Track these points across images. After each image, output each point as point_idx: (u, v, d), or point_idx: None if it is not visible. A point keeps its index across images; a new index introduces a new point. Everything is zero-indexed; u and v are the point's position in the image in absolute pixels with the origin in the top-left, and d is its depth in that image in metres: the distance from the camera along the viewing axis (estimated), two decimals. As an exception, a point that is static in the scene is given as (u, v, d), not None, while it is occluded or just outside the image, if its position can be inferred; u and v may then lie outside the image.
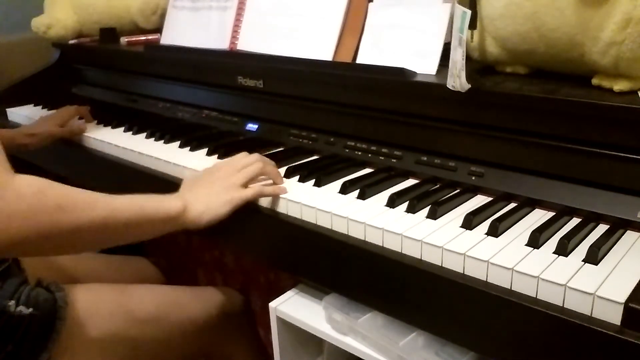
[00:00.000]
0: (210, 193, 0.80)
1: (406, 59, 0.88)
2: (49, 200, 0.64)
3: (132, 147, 1.06)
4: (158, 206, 0.75)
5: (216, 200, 0.79)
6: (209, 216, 0.78)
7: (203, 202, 0.79)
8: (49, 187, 0.65)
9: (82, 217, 0.66)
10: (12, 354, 0.76)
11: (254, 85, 1.05)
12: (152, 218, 0.75)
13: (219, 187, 0.80)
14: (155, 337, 0.92)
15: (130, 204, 0.73)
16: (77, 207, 0.66)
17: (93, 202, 0.68)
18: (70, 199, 0.66)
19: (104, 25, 1.49)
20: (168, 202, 0.77)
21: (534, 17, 0.73)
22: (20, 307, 0.78)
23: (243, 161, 0.84)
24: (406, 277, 0.67)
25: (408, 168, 0.85)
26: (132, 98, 1.35)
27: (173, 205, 0.77)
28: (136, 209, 0.73)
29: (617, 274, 0.57)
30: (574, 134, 0.69)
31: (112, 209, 0.70)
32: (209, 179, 0.83)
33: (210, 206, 0.78)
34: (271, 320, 0.86)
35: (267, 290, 1.18)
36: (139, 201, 0.74)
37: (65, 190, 0.67)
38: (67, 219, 0.65)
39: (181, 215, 0.77)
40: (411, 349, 0.72)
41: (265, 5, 1.10)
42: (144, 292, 0.95)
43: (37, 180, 0.64)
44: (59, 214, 0.64)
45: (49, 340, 0.78)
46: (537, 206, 0.73)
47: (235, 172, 0.82)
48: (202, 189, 0.81)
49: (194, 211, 0.78)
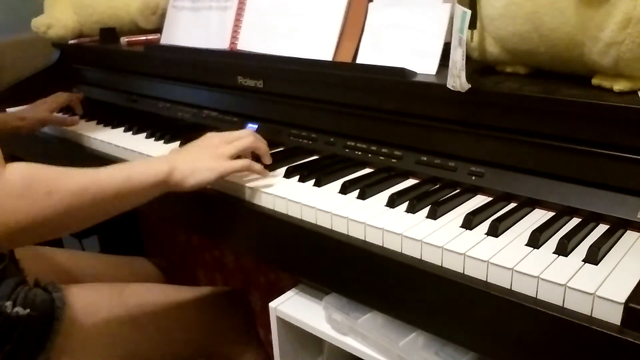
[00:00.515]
0: (197, 158, 0.80)
1: (406, 59, 0.88)
2: (39, 187, 0.64)
3: (132, 147, 1.06)
4: (145, 172, 0.76)
5: (203, 166, 0.79)
6: (195, 180, 0.78)
7: (189, 166, 0.79)
8: (38, 173, 0.65)
9: (73, 198, 0.67)
10: (10, 355, 0.76)
11: (254, 85, 1.05)
12: (141, 185, 0.75)
13: (207, 154, 0.81)
14: (154, 337, 0.92)
15: (117, 176, 0.73)
16: (67, 189, 0.66)
17: (81, 181, 0.69)
18: (59, 183, 0.66)
19: (104, 25, 1.49)
20: (154, 166, 0.77)
21: (534, 17, 0.73)
22: (18, 308, 0.78)
23: (235, 134, 0.85)
24: (406, 277, 0.67)
25: (408, 168, 0.85)
26: (132, 98, 1.35)
27: (159, 168, 0.77)
28: (124, 180, 0.73)
29: (617, 274, 0.57)
30: (574, 134, 0.69)
31: (101, 184, 0.70)
32: (199, 145, 0.83)
33: (196, 170, 0.79)
34: (271, 320, 0.86)
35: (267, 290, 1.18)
36: (126, 171, 0.74)
37: (54, 173, 0.67)
38: (58, 203, 0.65)
39: (169, 177, 0.77)
40: (411, 349, 0.72)
41: (265, 5, 1.10)
42: (143, 291, 0.95)
43: (26, 167, 0.65)
44: (49, 200, 0.64)
45: (47, 341, 0.78)
46: (537, 206, 0.73)
47: (226, 144, 0.83)
48: (190, 154, 0.82)
49: (179, 174, 0.78)
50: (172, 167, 0.78)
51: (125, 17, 1.49)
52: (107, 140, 1.12)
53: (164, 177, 0.77)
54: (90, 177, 0.70)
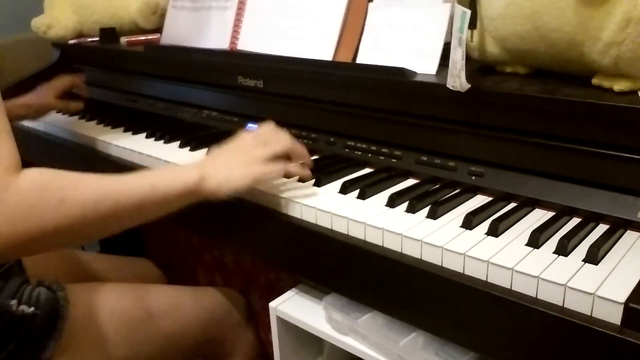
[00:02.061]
0: (232, 163, 0.75)
1: (406, 59, 0.88)
2: (52, 195, 0.60)
3: (132, 147, 1.06)
4: (172, 181, 0.70)
5: (237, 172, 0.74)
6: (228, 188, 0.73)
7: (223, 172, 0.74)
8: (52, 180, 0.62)
9: (87, 207, 0.62)
10: (15, 353, 0.76)
11: (254, 85, 1.05)
12: (167, 195, 0.70)
13: (242, 159, 0.76)
14: (155, 336, 0.92)
15: (140, 185, 0.68)
16: (81, 197, 0.62)
17: (99, 190, 0.64)
18: (73, 190, 0.62)
19: (104, 25, 1.49)
20: (183, 175, 0.72)
21: (534, 17, 0.73)
22: (22, 306, 0.78)
23: (271, 134, 0.79)
24: (406, 277, 0.67)
25: (408, 168, 0.85)
26: (132, 98, 1.35)
27: (189, 177, 0.71)
28: (147, 189, 0.68)
29: (617, 274, 0.57)
30: (574, 134, 0.69)
31: (120, 193, 0.66)
32: (232, 148, 0.78)
33: (230, 177, 0.73)
34: (271, 320, 0.86)
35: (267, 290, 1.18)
36: (150, 179, 0.69)
37: (69, 181, 0.63)
38: (71, 212, 0.61)
39: (199, 186, 0.72)
40: (411, 349, 0.72)
41: (265, 5, 1.10)
42: (145, 292, 0.95)
43: (40, 174, 0.61)
44: (62, 208, 0.60)
45: (51, 339, 0.78)
46: (537, 206, 0.73)
47: (261, 145, 0.77)
48: (222, 159, 0.76)
49: (212, 181, 0.72)
50: (203, 175, 0.72)
51: (125, 17, 1.49)
52: (107, 140, 1.12)
53: (193, 186, 0.71)
54: (109, 186, 0.66)
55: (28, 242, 0.59)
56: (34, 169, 0.61)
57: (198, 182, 0.72)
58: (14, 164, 0.60)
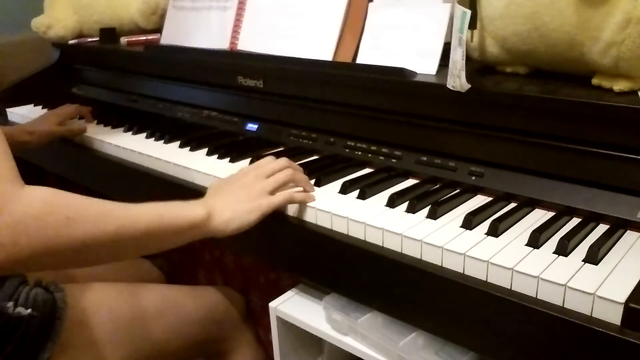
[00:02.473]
0: (237, 200, 0.76)
1: (406, 59, 0.88)
2: (58, 213, 0.60)
3: (132, 147, 1.06)
4: (179, 214, 0.71)
5: (243, 208, 0.75)
6: (236, 224, 0.74)
7: (229, 209, 0.74)
8: (58, 199, 0.61)
9: (93, 229, 0.62)
10: (12, 355, 0.76)
11: (254, 85, 1.05)
12: (173, 227, 0.70)
13: (246, 194, 0.76)
14: (155, 337, 0.92)
15: (147, 214, 0.68)
16: (88, 219, 0.62)
17: (105, 213, 0.64)
18: (80, 211, 0.62)
19: (104, 25, 1.49)
20: (190, 210, 0.72)
21: (534, 17, 0.73)
22: (19, 308, 0.78)
23: (271, 166, 0.80)
24: (406, 277, 0.67)
25: (408, 168, 0.85)
26: (132, 98, 1.35)
27: (196, 212, 0.72)
28: (154, 218, 0.68)
29: (617, 274, 0.57)
30: (574, 134, 0.69)
31: (127, 219, 0.66)
32: (236, 184, 0.79)
33: (237, 213, 0.74)
34: (271, 320, 0.86)
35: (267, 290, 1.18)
36: (158, 210, 0.69)
37: (76, 201, 0.63)
38: (76, 233, 0.61)
39: (205, 222, 0.72)
40: (411, 349, 0.72)
41: (265, 5, 1.10)
42: (144, 291, 0.95)
43: (47, 191, 0.61)
44: (67, 228, 0.60)
45: (49, 341, 0.78)
46: (537, 206, 0.73)
47: (263, 178, 0.78)
48: (228, 196, 0.77)
49: (219, 219, 0.73)
50: (210, 213, 0.73)
51: (125, 17, 1.49)
52: (107, 140, 1.12)
53: (200, 221, 0.72)
54: (116, 210, 0.65)
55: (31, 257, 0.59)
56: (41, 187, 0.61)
57: (205, 218, 0.72)
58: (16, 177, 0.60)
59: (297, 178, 0.80)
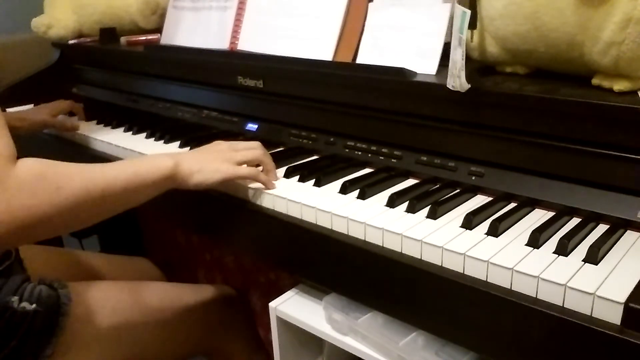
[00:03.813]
0: (204, 158, 0.81)
1: (406, 59, 0.88)
2: (49, 182, 0.64)
3: (132, 147, 1.06)
4: (151, 167, 0.75)
5: (210, 166, 0.80)
6: (200, 178, 0.79)
7: (196, 163, 0.79)
8: (48, 169, 0.65)
9: (82, 194, 0.66)
10: (16, 350, 0.76)
11: (254, 85, 1.05)
12: (148, 181, 0.75)
13: (215, 157, 0.81)
14: (156, 334, 0.92)
15: (125, 171, 0.73)
16: (76, 185, 0.66)
17: (90, 177, 0.68)
18: (68, 178, 0.66)
19: (104, 25, 1.49)
20: (160, 162, 0.77)
21: (534, 17, 0.73)
22: (24, 303, 0.78)
23: (244, 144, 0.86)
24: (406, 277, 0.67)
25: (408, 168, 0.85)
26: (132, 98, 1.35)
27: (165, 164, 0.77)
28: (130, 175, 0.73)
29: (617, 274, 0.57)
30: (574, 134, 0.69)
31: (109, 180, 0.70)
32: (208, 149, 0.85)
33: (203, 169, 0.79)
34: (271, 320, 0.86)
35: (267, 290, 1.18)
36: (133, 167, 0.74)
37: (63, 169, 0.67)
38: (67, 199, 0.65)
39: (174, 172, 0.77)
40: (411, 349, 0.72)
41: (265, 5, 1.10)
42: (145, 289, 0.95)
43: (37, 163, 0.64)
44: (59, 195, 0.64)
45: (53, 336, 0.78)
46: (537, 206, 0.73)
47: (234, 151, 0.83)
48: (197, 154, 0.82)
49: (186, 169, 0.78)
50: (178, 163, 0.78)
51: (125, 17, 1.49)
52: (107, 140, 1.12)
53: (169, 172, 0.76)
54: (98, 173, 0.70)
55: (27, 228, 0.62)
56: (30, 159, 0.64)
57: (173, 168, 0.77)
58: (12, 154, 0.63)
59: (265, 160, 0.85)
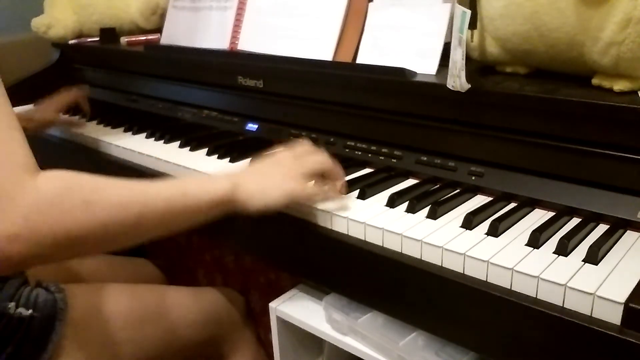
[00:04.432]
0: (267, 177, 0.70)
1: (406, 59, 0.88)
2: (76, 196, 0.56)
3: (131, 147, 1.06)
4: (202, 189, 0.66)
5: (273, 187, 0.69)
6: (263, 201, 0.69)
7: (257, 184, 0.69)
8: (75, 182, 0.57)
9: (114, 211, 0.58)
10: (12, 356, 0.76)
11: (254, 85, 1.05)
12: (198, 203, 0.65)
13: (278, 173, 0.71)
14: (155, 337, 0.92)
15: (170, 191, 0.64)
16: (108, 200, 0.58)
17: (125, 193, 0.60)
18: (98, 193, 0.58)
19: (104, 25, 1.49)
20: (214, 183, 0.68)
21: (534, 17, 0.73)
22: (20, 309, 0.78)
23: (309, 151, 0.75)
24: (406, 277, 0.67)
25: (408, 168, 0.85)
26: (132, 98, 1.35)
27: (220, 186, 0.67)
28: (177, 195, 0.64)
29: (617, 274, 0.57)
30: (574, 134, 0.69)
31: (149, 198, 0.62)
32: (268, 162, 0.73)
33: (265, 191, 0.69)
34: (271, 320, 0.86)
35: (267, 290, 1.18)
36: (181, 187, 0.65)
37: (94, 184, 0.59)
38: (96, 215, 0.57)
39: (230, 197, 0.68)
40: (411, 349, 0.72)
41: (266, 5, 1.10)
42: (144, 292, 0.95)
43: (61, 175, 0.57)
44: (87, 211, 0.56)
45: (49, 342, 0.78)
46: (537, 206, 0.73)
47: (299, 163, 0.73)
48: (257, 172, 0.72)
49: (244, 193, 0.68)
50: (236, 185, 0.68)
51: (125, 17, 1.49)
52: (107, 140, 1.12)
53: (224, 195, 0.67)
54: (137, 190, 0.62)
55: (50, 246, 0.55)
56: (54, 170, 0.57)
57: (230, 191, 0.68)
58: (31, 164, 0.56)
59: (331, 169, 0.75)
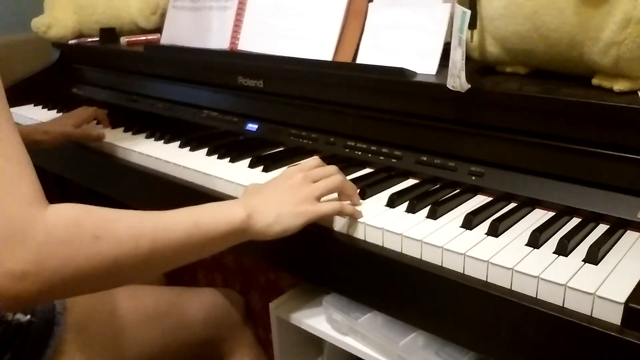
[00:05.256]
0: (281, 202, 0.69)
1: (406, 59, 0.88)
2: (85, 231, 0.54)
3: (131, 147, 1.06)
4: (216, 218, 0.65)
5: (288, 211, 0.68)
6: (280, 228, 0.68)
7: (272, 211, 0.68)
8: (85, 216, 0.55)
9: (124, 246, 0.56)
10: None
11: (254, 85, 1.05)
12: (212, 233, 0.64)
13: (291, 197, 0.70)
14: (154, 339, 0.92)
15: (182, 221, 0.62)
16: (118, 234, 0.56)
17: (137, 227, 0.58)
18: (108, 228, 0.56)
19: (104, 25, 1.49)
20: (228, 212, 0.66)
21: (534, 17, 0.73)
22: (19, 315, 0.77)
23: (320, 171, 0.74)
24: (406, 277, 0.67)
25: (408, 168, 0.85)
26: (132, 98, 1.35)
27: (235, 214, 0.66)
28: (190, 226, 0.62)
29: (617, 274, 0.57)
30: (574, 134, 0.69)
31: (161, 230, 0.60)
32: (280, 185, 0.72)
33: (281, 217, 0.68)
34: (271, 320, 0.86)
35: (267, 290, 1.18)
36: (194, 216, 0.63)
37: (104, 217, 0.57)
38: (107, 251, 0.55)
39: (246, 225, 0.66)
40: (411, 349, 0.72)
41: (266, 5, 1.10)
42: (143, 293, 0.94)
43: (72, 208, 0.55)
44: (97, 246, 0.54)
45: (48, 347, 0.77)
46: (537, 206, 0.73)
47: (310, 182, 0.72)
48: (271, 196, 0.70)
49: (261, 221, 0.67)
50: (251, 214, 0.66)
51: (125, 17, 1.49)
52: (106, 140, 1.12)
53: (240, 224, 0.65)
54: (148, 222, 0.59)
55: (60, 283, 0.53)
56: (64, 204, 0.56)
57: (245, 220, 0.66)
58: (38, 197, 0.54)
59: (345, 187, 0.75)
